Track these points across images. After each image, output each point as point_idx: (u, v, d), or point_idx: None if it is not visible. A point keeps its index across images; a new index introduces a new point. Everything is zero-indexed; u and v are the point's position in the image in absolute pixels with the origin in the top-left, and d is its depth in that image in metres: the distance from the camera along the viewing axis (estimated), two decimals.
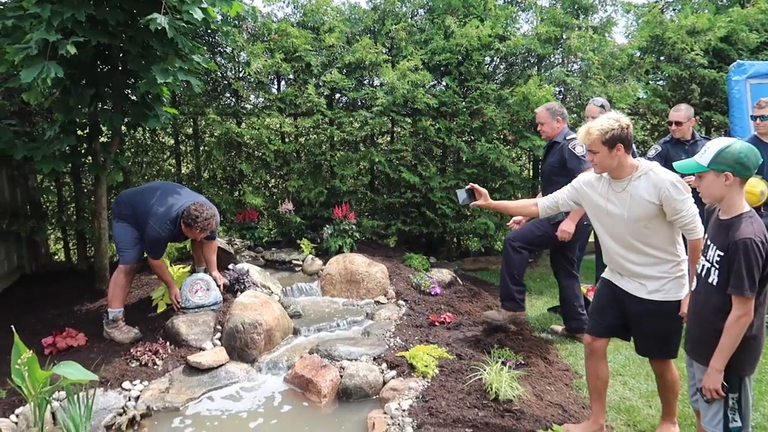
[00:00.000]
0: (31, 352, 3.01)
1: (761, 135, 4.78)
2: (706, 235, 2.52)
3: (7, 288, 5.53)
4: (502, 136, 7.13)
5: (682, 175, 4.60)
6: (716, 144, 2.36)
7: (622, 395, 3.68)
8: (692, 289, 2.59)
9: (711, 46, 6.90)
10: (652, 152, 5.02)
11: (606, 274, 3.10)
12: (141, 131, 6.51)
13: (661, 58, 7.31)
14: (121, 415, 3.34)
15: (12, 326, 3.25)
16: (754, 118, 4.81)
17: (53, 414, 3.31)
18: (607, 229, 2.93)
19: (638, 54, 7.40)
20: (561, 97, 7.12)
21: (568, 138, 4.33)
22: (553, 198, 3.20)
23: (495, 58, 7.08)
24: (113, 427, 3.25)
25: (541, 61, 7.19)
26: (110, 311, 4.25)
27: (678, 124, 4.84)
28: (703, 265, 2.47)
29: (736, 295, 2.28)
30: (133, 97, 4.94)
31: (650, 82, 7.53)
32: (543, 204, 3.25)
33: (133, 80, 4.80)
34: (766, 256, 2.25)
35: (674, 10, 8.00)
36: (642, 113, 7.60)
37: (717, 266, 2.37)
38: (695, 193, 2.56)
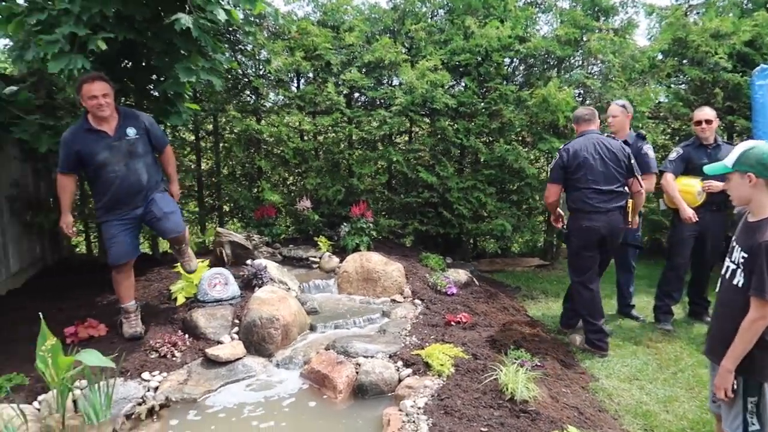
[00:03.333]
0: (56, 339, 3.08)
1: None
2: (734, 237, 2.52)
3: (29, 279, 5.64)
4: (520, 138, 7.12)
5: (704, 179, 4.61)
6: (741, 146, 2.40)
7: (639, 399, 3.66)
8: (717, 291, 2.58)
9: (735, 50, 6.82)
10: (673, 155, 4.96)
11: None
12: (162, 127, 6.59)
13: (684, 61, 7.24)
14: (140, 404, 3.39)
15: (40, 314, 3.32)
16: None
17: (75, 402, 3.37)
18: None
19: (660, 57, 7.33)
20: (581, 99, 7.08)
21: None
22: None
23: (515, 60, 7.07)
24: (133, 416, 3.30)
25: (561, 63, 7.16)
26: (120, 306, 4.25)
27: (708, 122, 4.75)
28: (728, 267, 2.48)
29: (755, 297, 2.27)
30: (155, 94, 5.01)
31: (672, 85, 7.46)
32: None
33: (155, 77, 4.86)
34: None
35: (698, 13, 7.91)
36: (663, 117, 7.53)
37: (742, 268, 2.36)
38: (725, 195, 2.55)
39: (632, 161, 4.30)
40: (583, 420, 3.28)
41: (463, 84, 6.70)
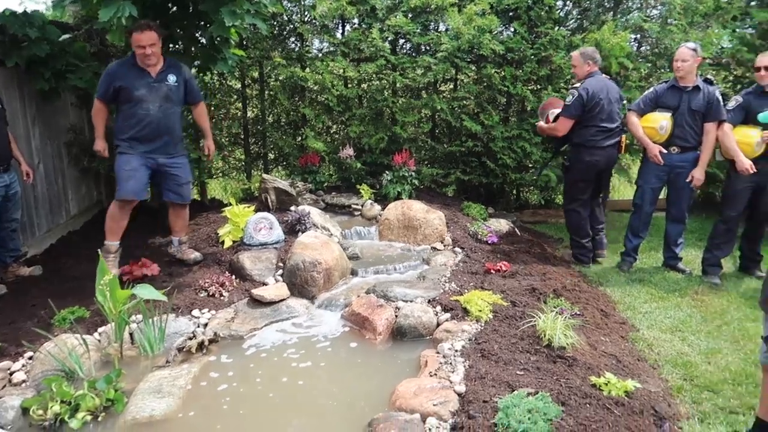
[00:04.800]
0: (113, 273, 3.26)
1: None
2: None
3: (87, 221, 5.94)
4: (570, 86, 6.87)
5: (764, 128, 4.39)
6: None
7: (680, 350, 3.62)
8: None
9: None
10: (732, 103, 4.72)
11: None
12: (209, 74, 6.68)
13: (752, 2, 6.76)
14: (191, 339, 3.59)
15: (99, 251, 3.52)
16: None
17: (131, 335, 3.60)
18: None
19: None
20: (637, 45, 6.75)
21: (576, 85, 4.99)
22: None
23: (567, 2, 6.76)
24: (184, 349, 3.50)
25: (618, 6, 6.80)
26: (104, 243, 4.31)
27: (767, 69, 4.50)
28: None
29: None
30: (203, 40, 5.05)
31: (737, 29, 7.00)
32: None
33: (202, 23, 4.90)
34: None
35: None
36: (725, 63, 7.11)
37: None
38: None
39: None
40: (621, 368, 3.28)
41: (512, 29, 6.48)
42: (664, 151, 4.80)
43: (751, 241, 4.98)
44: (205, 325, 3.82)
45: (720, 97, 4.73)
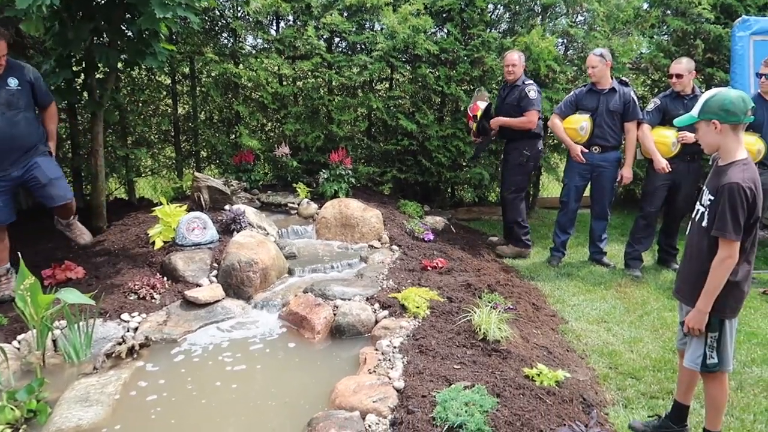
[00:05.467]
0: (34, 278, 3.08)
1: (764, 93, 4.79)
2: (705, 183, 2.60)
3: None
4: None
5: (679, 130, 4.69)
6: (705, 95, 2.47)
7: (605, 340, 3.81)
8: (687, 233, 2.67)
9: (719, 1, 6.79)
10: (651, 106, 5.03)
11: None
12: (137, 69, 6.42)
13: (668, 12, 7.20)
14: (120, 344, 3.44)
15: (19, 253, 3.31)
16: (759, 75, 4.80)
17: (54, 342, 3.41)
18: None
19: (645, 7, 7.27)
20: (564, 48, 7.03)
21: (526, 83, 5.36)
22: None
23: (498, 6, 6.95)
24: (113, 355, 3.35)
25: (546, 11, 7.05)
26: None
27: (678, 76, 4.81)
28: (698, 209, 2.56)
29: (721, 238, 2.36)
30: (130, 33, 4.85)
31: (654, 36, 7.43)
32: None
33: (130, 15, 4.70)
34: (752, 203, 2.32)
35: None
36: (644, 68, 7.53)
37: (708, 210, 2.45)
38: (700, 146, 2.61)
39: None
40: (552, 358, 3.42)
41: (446, 30, 6.60)
42: (586, 150, 5.04)
43: (668, 236, 5.30)
44: (136, 329, 3.67)
45: (635, 98, 5.04)
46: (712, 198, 2.43)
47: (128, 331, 3.65)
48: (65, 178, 4.18)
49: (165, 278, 4.22)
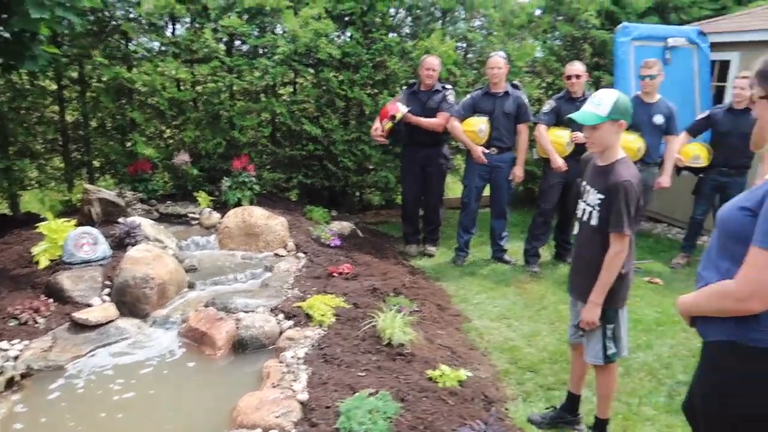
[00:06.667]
0: None
1: (645, 94, 5.16)
2: (585, 181, 2.72)
3: None
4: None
5: (573, 130, 4.93)
6: (608, 95, 2.50)
7: (506, 336, 3.95)
8: (576, 233, 2.79)
9: (604, 8, 7.24)
10: (546, 107, 5.25)
11: None
12: (18, 73, 5.92)
13: (559, 17, 7.58)
14: None
15: None
16: (642, 77, 5.15)
17: None
18: None
19: (538, 13, 7.62)
20: (463, 52, 7.23)
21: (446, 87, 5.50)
22: None
23: (400, 10, 7.04)
24: None
25: (446, 16, 7.23)
26: None
27: (578, 76, 5.04)
28: (584, 209, 2.67)
29: (615, 233, 2.49)
30: (6, 35, 4.47)
31: (547, 41, 7.81)
32: None
33: (6, 15, 4.32)
34: (639, 198, 2.48)
35: None
36: (538, 71, 7.89)
37: (598, 209, 2.56)
38: (582, 147, 2.72)
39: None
40: (455, 358, 3.49)
41: (348, 34, 6.59)
42: (487, 151, 5.22)
43: (563, 232, 5.58)
44: (16, 357, 3.38)
45: (526, 101, 5.28)
46: (603, 197, 2.55)
47: (8, 360, 3.34)
48: None
49: (51, 300, 3.91)
